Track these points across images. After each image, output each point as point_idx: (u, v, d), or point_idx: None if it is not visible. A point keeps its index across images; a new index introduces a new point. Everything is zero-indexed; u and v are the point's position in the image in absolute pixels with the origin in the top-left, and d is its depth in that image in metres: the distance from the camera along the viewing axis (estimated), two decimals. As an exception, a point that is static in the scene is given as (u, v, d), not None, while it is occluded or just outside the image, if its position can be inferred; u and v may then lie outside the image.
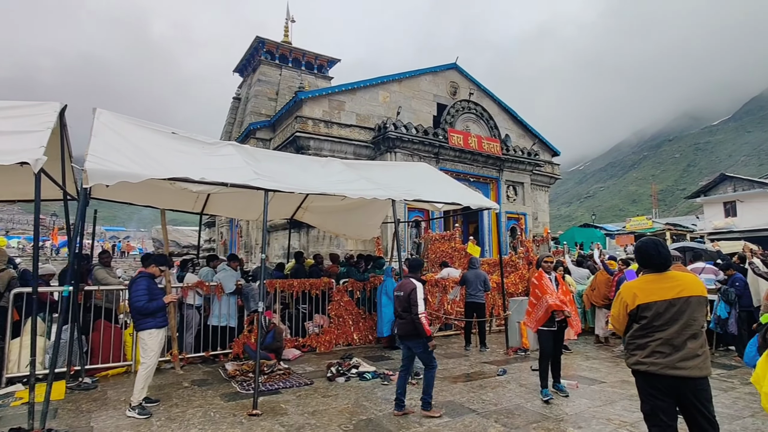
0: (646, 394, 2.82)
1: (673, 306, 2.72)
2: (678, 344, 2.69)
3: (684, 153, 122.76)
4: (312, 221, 9.92)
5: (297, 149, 13.55)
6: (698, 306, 2.73)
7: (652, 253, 2.85)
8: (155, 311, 4.56)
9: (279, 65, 26.16)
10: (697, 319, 2.73)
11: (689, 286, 2.76)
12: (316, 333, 7.92)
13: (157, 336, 4.66)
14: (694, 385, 2.68)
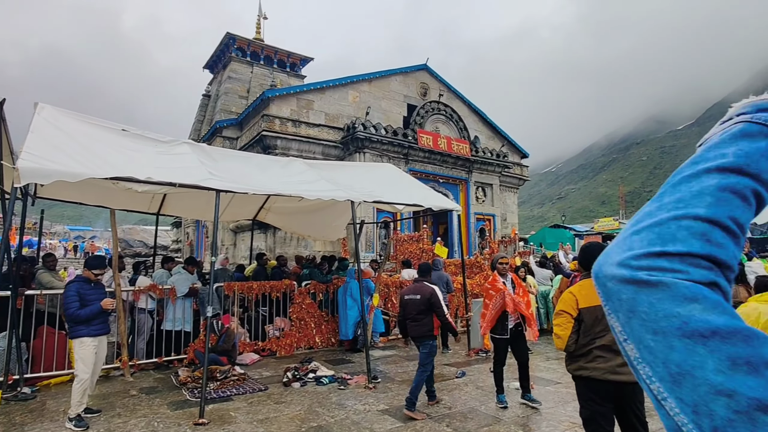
0: (586, 399, 2.83)
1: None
2: (618, 349, 2.71)
3: (651, 156, 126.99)
4: (275, 222, 9.74)
5: (264, 148, 13.32)
6: None
7: (594, 255, 2.90)
8: (88, 318, 4.30)
9: (250, 62, 25.75)
10: None
11: None
12: (276, 336, 7.76)
13: (89, 345, 4.40)
14: (632, 390, 2.70)
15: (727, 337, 0.42)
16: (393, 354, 7.70)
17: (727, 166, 0.50)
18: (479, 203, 17.01)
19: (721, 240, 0.48)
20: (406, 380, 6.04)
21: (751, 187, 0.49)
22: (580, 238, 40.36)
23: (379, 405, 5.00)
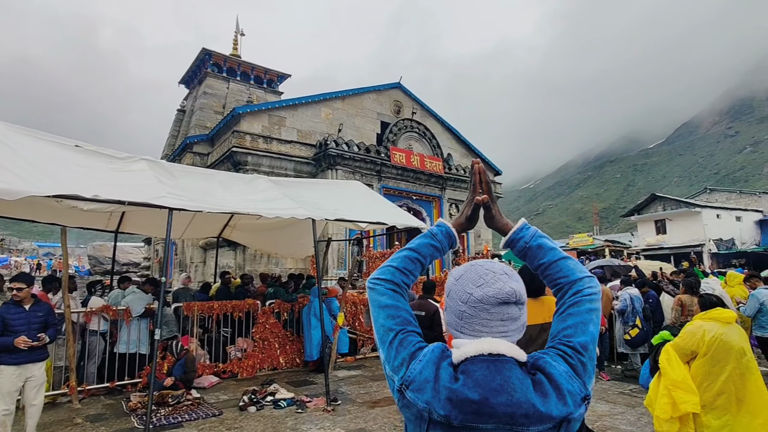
0: None
1: (544, 330, 2.75)
2: None
3: (624, 173, 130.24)
4: (241, 240, 9.58)
5: (234, 165, 13.17)
6: None
7: (526, 279, 2.89)
8: (3, 347, 4.00)
9: (226, 78, 25.65)
10: None
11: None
12: (238, 358, 7.55)
13: (9, 375, 4.05)
14: None
15: (386, 307, 1.15)
16: (358, 374, 7.55)
17: (408, 247, 1.28)
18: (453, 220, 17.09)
19: (398, 274, 1.22)
20: (367, 401, 5.92)
21: (414, 256, 1.26)
22: (556, 254, 40.90)
23: (335, 428, 4.87)
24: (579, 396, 0.99)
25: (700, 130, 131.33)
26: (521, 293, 1.10)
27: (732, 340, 3.34)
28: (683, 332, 3.52)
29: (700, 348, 3.38)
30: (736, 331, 3.43)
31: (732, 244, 29.21)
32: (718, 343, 3.33)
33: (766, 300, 6.18)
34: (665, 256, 30.73)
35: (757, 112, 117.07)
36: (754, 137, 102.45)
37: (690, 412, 3.25)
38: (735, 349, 3.32)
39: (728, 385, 3.27)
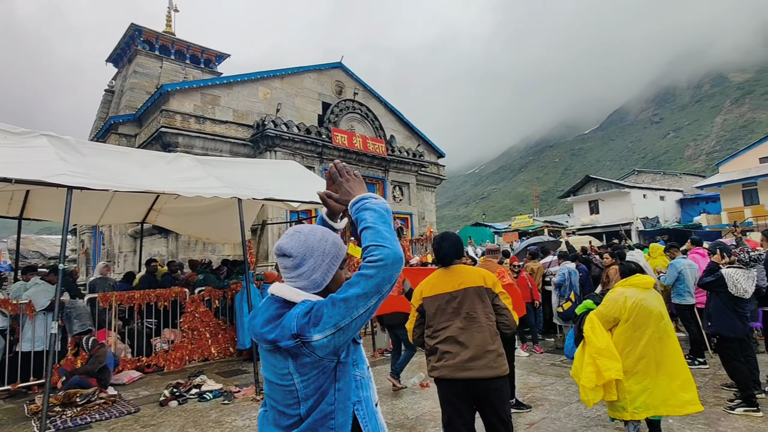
0: (444, 402, 2.66)
1: (454, 298, 2.66)
2: (464, 340, 2.57)
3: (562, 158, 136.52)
4: (168, 225, 8.94)
5: (163, 146, 12.29)
6: (476, 296, 2.66)
7: (435, 247, 2.79)
8: None
9: (159, 57, 23.98)
10: (477, 310, 2.64)
11: (469, 278, 2.73)
12: (164, 350, 7.05)
13: None
14: (486, 386, 2.55)
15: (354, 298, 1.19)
16: (295, 360, 7.28)
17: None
18: (397, 202, 17.03)
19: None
20: (301, 388, 5.67)
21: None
22: (499, 235, 42.33)
23: (264, 418, 4.60)
24: (289, 331, 1.20)
25: (629, 117, 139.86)
26: (287, 248, 1.34)
27: (651, 305, 3.38)
28: (606, 300, 3.53)
29: (622, 314, 3.40)
30: (655, 296, 3.48)
31: (656, 221, 31.35)
32: (638, 309, 3.36)
33: (683, 269, 6.50)
34: (598, 235, 32.49)
35: (679, 100, 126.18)
36: (676, 123, 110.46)
37: (614, 378, 3.27)
38: (654, 314, 3.37)
39: (648, 350, 3.32)
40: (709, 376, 5.67)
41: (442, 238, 2.81)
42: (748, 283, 4.28)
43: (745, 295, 4.27)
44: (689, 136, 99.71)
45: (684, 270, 6.50)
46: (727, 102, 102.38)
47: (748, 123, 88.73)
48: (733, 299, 4.33)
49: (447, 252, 2.72)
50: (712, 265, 4.69)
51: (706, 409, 4.45)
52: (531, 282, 7.62)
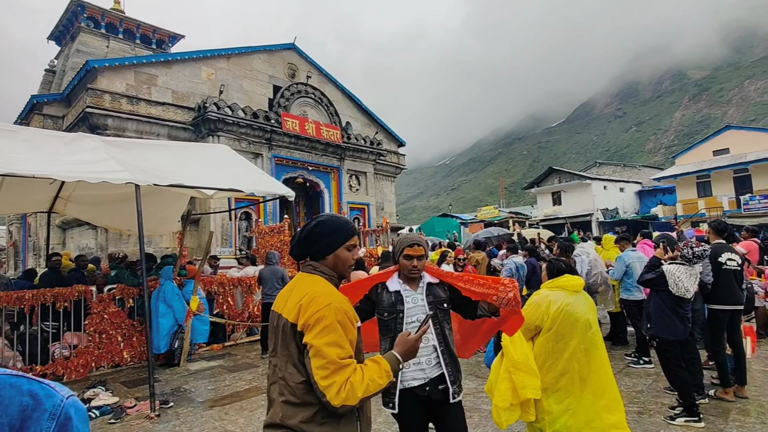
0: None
1: (275, 326, 2.18)
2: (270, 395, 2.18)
3: (530, 150, 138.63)
4: (80, 215, 8.03)
5: (91, 128, 11.21)
6: (284, 336, 2.25)
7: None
8: None
9: (106, 35, 22.41)
10: (281, 358, 2.20)
11: (293, 300, 2.21)
12: (65, 357, 6.23)
13: None
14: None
15: None
16: (217, 366, 6.60)
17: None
18: (353, 192, 16.40)
19: None
20: (209, 400, 5.02)
21: None
22: (465, 226, 42.44)
23: (148, 442, 3.93)
24: None
25: (595, 111, 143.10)
26: None
27: (578, 311, 2.90)
28: (528, 304, 3.03)
29: (544, 321, 2.90)
30: (583, 300, 3.00)
31: (616, 213, 31.88)
32: (563, 315, 2.87)
33: (632, 262, 6.14)
34: (560, 226, 32.86)
35: (641, 95, 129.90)
36: (638, 118, 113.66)
37: (530, 398, 2.77)
38: (581, 322, 2.88)
39: (572, 363, 2.83)
40: (653, 377, 5.34)
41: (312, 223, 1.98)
42: (690, 281, 3.87)
43: (686, 294, 3.86)
44: (650, 131, 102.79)
45: (633, 263, 6.14)
46: (685, 98, 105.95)
47: (704, 118, 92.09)
48: (674, 299, 3.93)
49: (296, 241, 1.93)
50: (653, 260, 4.29)
51: (644, 419, 4.06)
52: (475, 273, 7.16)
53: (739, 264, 4.75)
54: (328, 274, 1.77)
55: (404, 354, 1.66)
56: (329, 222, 1.82)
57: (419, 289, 2.42)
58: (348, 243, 1.79)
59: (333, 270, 1.79)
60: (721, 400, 4.45)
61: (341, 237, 1.78)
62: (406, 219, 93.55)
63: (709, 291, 4.60)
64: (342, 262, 1.79)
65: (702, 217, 26.70)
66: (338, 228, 1.80)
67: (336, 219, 1.86)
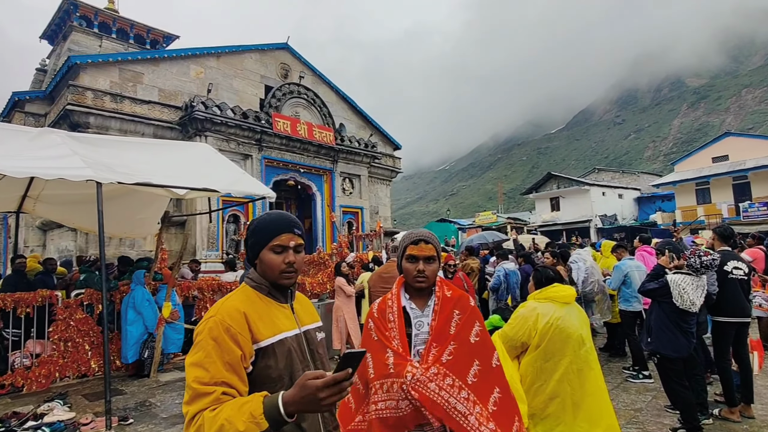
0: None
1: None
2: None
3: (529, 156, 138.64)
4: (51, 215, 7.66)
5: (72, 126, 10.84)
6: None
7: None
8: None
9: (99, 35, 22.14)
10: None
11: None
12: (26, 366, 5.83)
13: None
14: None
15: None
16: (190, 376, 6.20)
17: None
18: (347, 195, 16.03)
19: None
20: (175, 415, 4.63)
21: None
22: (463, 231, 42.10)
23: (94, 465, 3.54)
24: None
25: (594, 118, 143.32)
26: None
27: (570, 326, 2.53)
28: (513, 317, 2.66)
29: (531, 338, 2.54)
30: (576, 314, 2.63)
31: (615, 219, 31.56)
32: (553, 331, 2.51)
33: (630, 271, 5.80)
34: (559, 232, 32.54)
35: (640, 103, 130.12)
36: (637, 125, 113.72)
37: (514, 426, 2.40)
38: (573, 338, 2.52)
39: (563, 386, 2.46)
40: (653, 392, 4.97)
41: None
42: (696, 293, 3.51)
43: (692, 308, 3.50)
44: (649, 138, 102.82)
45: (631, 272, 5.80)
46: (684, 106, 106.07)
47: (702, 126, 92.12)
48: (678, 312, 3.56)
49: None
50: (657, 268, 3.93)
51: (644, 442, 3.69)
52: (467, 282, 6.77)
53: (746, 273, 4.40)
54: (257, 282, 1.50)
55: (295, 402, 1.11)
56: (258, 221, 1.55)
57: (427, 309, 1.79)
58: (271, 243, 1.46)
59: (263, 277, 1.50)
60: (726, 421, 4.09)
61: (263, 237, 1.48)
62: (404, 224, 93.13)
63: (714, 302, 4.24)
64: (268, 268, 1.47)
65: (701, 224, 26.39)
66: (262, 227, 1.51)
67: (266, 216, 1.55)
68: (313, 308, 1.73)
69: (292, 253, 1.49)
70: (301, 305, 1.62)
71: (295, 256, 1.50)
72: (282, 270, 1.47)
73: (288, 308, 1.53)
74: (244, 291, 1.49)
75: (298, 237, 1.52)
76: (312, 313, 1.68)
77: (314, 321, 1.64)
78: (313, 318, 1.66)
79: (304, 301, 1.68)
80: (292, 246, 1.49)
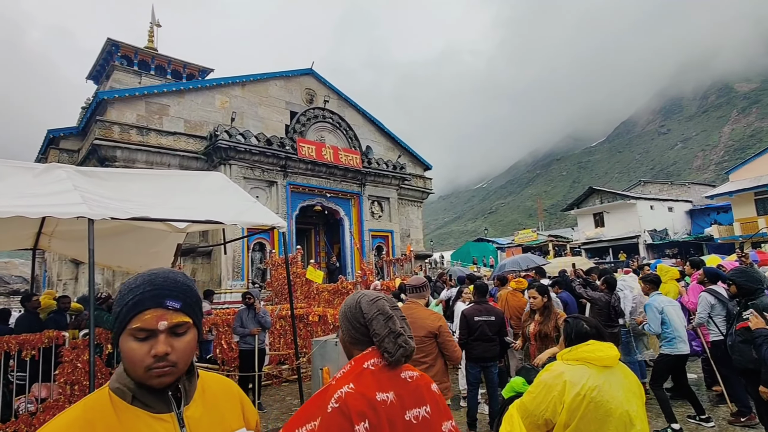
0: None
1: None
2: None
3: (570, 171, 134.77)
4: (67, 251, 7.60)
5: (100, 161, 11.04)
6: None
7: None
8: None
9: (138, 72, 23.26)
10: None
11: None
12: (30, 412, 5.59)
13: None
14: None
15: None
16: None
17: None
18: (375, 219, 15.59)
19: None
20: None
21: None
22: (502, 251, 40.70)
23: None
24: None
25: (636, 129, 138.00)
26: None
27: (610, 399, 1.89)
28: (535, 384, 2.04)
29: (557, 414, 1.91)
30: (620, 382, 1.97)
31: (665, 234, 29.52)
32: (586, 405, 1.87)
33: (665, 307, 4.74)
34: (604, 249, 30.73)
35: (686, 111, 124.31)
36: (683, 134, 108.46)
37: None
38: (615, 416, 1.87)
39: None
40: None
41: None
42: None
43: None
44: (697, 147, 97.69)
45: (666, 310, 4.69)
46: (734, 112, 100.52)
47: (756, 132, 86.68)
48: None
49: None
50: (744, 333, 3.12)
51: None
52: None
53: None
54: (119, 383, 1.01)
55: None
56: (120, 288, 1.06)
57: None
58: (130, 326, 0.99)
59: (127, 374, 1.00)
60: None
61: (120, 315, 1.01)
62: (443, 244, 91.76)
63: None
64: (128, 361, 0.99)
65: (764, 237, 24.15)
66: (120, 299, 1.03)
67: (131, 281, 1.06)
68: (240, 404, 1.19)
69: (163, 339, 0.99)
70: (207, 409, 1.09)
71: (170, 342, 1.00)
72: (147, 366, 0.97)
73: (170, 420, 1.02)
74: (95, 401, 0.99)
75: (174, 313, 1.02)
76: (232, 416, 1.15)
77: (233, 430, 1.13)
78: (231, 425, 1.13)
79: (219, 396, 1.15)
80: (163, 329, 0.99)
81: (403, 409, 1.26)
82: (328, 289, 10.27)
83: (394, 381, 1.30)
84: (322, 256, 16.02)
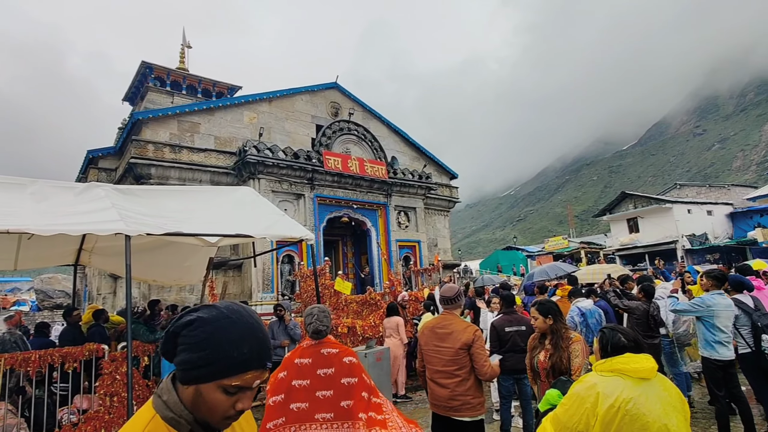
0: None
1: None
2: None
3: (600, 176, 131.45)
4: (105, 266, 7.89)
5: (136, 178, 11.47)
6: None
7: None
8: None
9: (171, 92, 24.17)
10: None
11: None
12: (72, 423, 5.78)
13: None
14: None
15: None
16: None
17: None
18: (402, 229, 15.58)
19: None
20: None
21: None
22: (532, 259, 39.91)
23: None
24: None
25: (670, 130, 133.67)
26: None
27: (647, 413, 1.81)
28: (568, 396, 1.98)
29: (591, 427, 1.84)
30: (658, 394, 1.89)
31: (705, 238, 28.32)
32: (621, 418, 1.80)
33: (718, 309, 4.48)
34: (640, 255, 29.69)
35: (722, 110, 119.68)
36: (720, 134, 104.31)
37: None
38: (653, 429, 1.79)
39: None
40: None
41: None
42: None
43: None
44: (736, 147, 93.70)
45: (717, 311, 4.48)
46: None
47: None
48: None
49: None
50: None
51: None
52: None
53: None
54: (174, 413, 0.97)
55: None
56: (213, 332, 0.97)
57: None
58: (226, 381, 0.95)
59: (190, 409, 0.98)
60: None
61: (218, 365, 0.95)
62: (471, 253, 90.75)
63: None
64: (207, 407, 0.97)
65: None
66: (219, 348, 0.95)
67: (230, 329, 0.98)
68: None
69: (249, 395, 0.99)
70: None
71: (251, 398, 1.01)
72: (227, 416, 0.99)
73: None
74: (151, 425, 0.98)
75: (266, 372, 1.02)
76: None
77: None
78: None
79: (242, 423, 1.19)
80: (255, 386, 1.00)
81: (315, 368, 2.66)
82: (357, 300, 10.29)
83: (313, 352, 2.75)
84: (350, 267, 16.09)
